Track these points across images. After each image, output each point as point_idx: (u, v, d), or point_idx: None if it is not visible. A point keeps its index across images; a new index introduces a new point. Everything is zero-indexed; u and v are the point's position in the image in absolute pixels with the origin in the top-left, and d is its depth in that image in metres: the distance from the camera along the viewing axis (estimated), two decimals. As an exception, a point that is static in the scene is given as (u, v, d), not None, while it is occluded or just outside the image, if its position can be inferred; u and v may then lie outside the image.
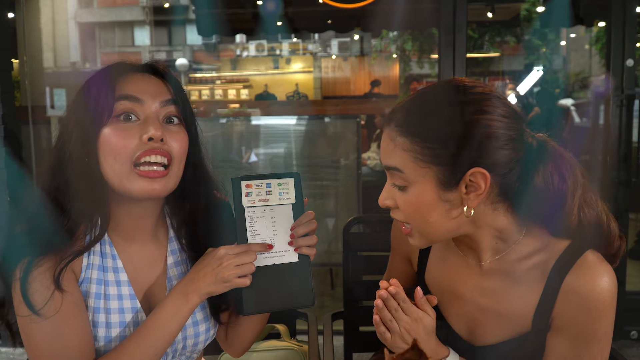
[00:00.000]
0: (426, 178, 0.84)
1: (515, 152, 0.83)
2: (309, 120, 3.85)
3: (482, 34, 11.07)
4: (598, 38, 9.99)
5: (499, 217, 0.88)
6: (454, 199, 0.84)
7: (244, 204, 0.91)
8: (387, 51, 11.78)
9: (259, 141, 3.98)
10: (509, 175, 0.84)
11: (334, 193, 3.78)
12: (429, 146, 0.83)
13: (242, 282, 0.88)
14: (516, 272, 0.90)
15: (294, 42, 13.22)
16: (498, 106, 0.83)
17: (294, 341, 1.35)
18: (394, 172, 0.87)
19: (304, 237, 0.92)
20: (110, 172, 0.88)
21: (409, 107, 0.87)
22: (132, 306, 0.93)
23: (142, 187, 0.88)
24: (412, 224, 0.89)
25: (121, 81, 0.90)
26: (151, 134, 0.87)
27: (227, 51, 13.76)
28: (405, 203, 0.87)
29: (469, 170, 0.81)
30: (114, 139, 0.87)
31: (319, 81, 11.22)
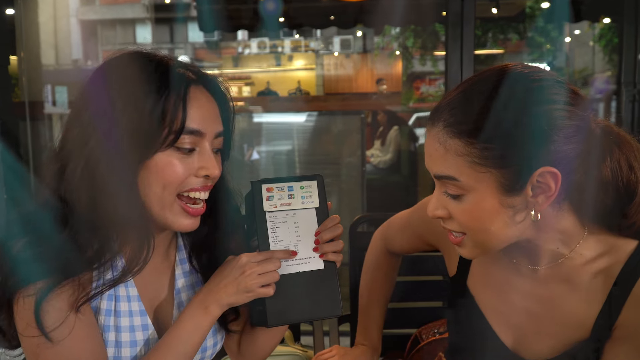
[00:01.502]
0: (486, 184, 0.75)
1: (584, 143, 0.75)
2: (312, 116, 3.80)
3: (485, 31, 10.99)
4: (602, 35, 9.90)
5: (563, 218, 0.79)
6: (518, 204, 0.75)
7: (266, 208, 0.86)
8: (389, 48, 11.71)
9: (261, 139, 3.94)
10: (577, 170, 0.75)
11: (337, 191, 3.72)
12: (487, 147, 0.73)
13: (266, 291, 0.82)
14: (577, 278, 0.82)
15: (296, 39, 13.16)
16: (562, 93, 0.74)
17: (298, 346, 1.29)
18: (446, 182, 0.77)
19: (329, 242, 0.86)
20: (152, 198, 0.81)
21: (458, 102, 0.77)
22: (142, 323, 0.87)
23: (183, 224, 0.84)
24: (468, 233, 0.80)
25: (190, 106, 0.81)
26: (209, 172, 0.83)
27: (228, 49, 13.70)
28: (461, 213, 0.78)
29: (536, 171, 0.72)
30: (170, 169, 0.81)
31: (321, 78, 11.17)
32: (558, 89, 0.75)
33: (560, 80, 0.77)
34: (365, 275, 1.24)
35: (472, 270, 0.96)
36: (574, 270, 0.82)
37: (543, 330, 0.86)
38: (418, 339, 1.28)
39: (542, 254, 0.83)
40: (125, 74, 0.81)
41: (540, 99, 0.74)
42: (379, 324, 1.21)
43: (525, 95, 0.74)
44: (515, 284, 0.88)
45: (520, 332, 0.89)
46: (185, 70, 0.84)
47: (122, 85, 0.80)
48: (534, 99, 0.74)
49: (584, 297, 0.82)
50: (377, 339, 1.20)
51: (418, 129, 7.45)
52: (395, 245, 1.20)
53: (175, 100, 0.80)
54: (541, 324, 0.86)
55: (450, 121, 0.76)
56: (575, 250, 0.82)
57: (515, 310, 0.89)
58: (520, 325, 0.88)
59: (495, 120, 0.73)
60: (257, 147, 3.92)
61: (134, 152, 0.79)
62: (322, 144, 3.80)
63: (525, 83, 0.75)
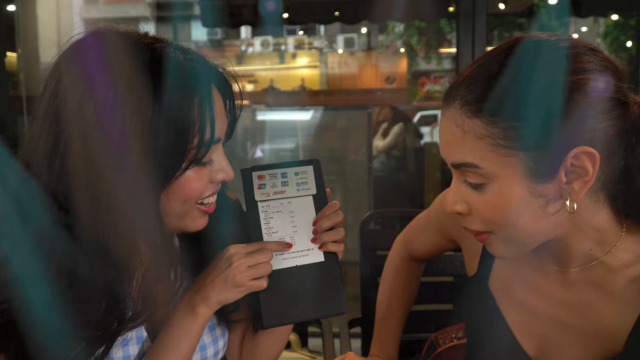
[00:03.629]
0: (512, 170, 0.65)
1: (621, 120, 0.64)
2: (316, 113, 3.74)
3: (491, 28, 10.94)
4: (607, 32, 9.82)
5: (600, 211, 0.69)
6: (550, 192, 0.66)
7: (257, 197, 0.79)
8: (393, 46, 11.67)
9: (264, 136, 3.89)
10: (615, 153, 0.65)
11: (342, 188, 3.66)
12: (513, 125, 0.63)
13: (258, 284, 0.74)
14: (610, 284, 0.72)
15: (299, 37, 13.12)
16: (596, 61, 0.64)
17: (305, 351, 1.22)
18: (465, 170, 0.68)
19: (328, 231, 0.78)
20: (170, 210, 0.72)
21: (476, 77, 0.67)
22: (136, 335, 0.78)
23: (199, 225, 0.78)
24: (495, 230, 0.70)
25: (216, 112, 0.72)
26: (227, 177, 0.75)
27: (232, 47, 13.67)
28: (484, 206, 0.68)
29: (570, 152, 0.63)
30: (193, 185, 0.73)
31: (325, 76, 11.11)
32: (591, 57, 0.66)
33: (593, 47, 0.68)
34: (384, 283, 1.16)
35: (495, 269, 0.87)
36: (608, 275, 0.73)
37: (570, 340, 0.77)
38: (434, 345, 1.20)
39: (573, 255, 0.74)
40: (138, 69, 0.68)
41: (571, 68, 0.64)
42: (397, 336, 1.12)
43: (553, 64, 0.65)
44: (542, 287, 0.79)
45: (545, 342, 0.80)
46: (206, 68, 0.74)
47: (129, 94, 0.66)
48: (564, 68, 0.64)
49: (618, 306, 0.73)
50: (394, 351, 1.11)
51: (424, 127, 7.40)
52: (417, 247, 1.11)
53: (202, 108, 0.69)
54: (568, 334, 0.78)
55: (468, 98, 0.67)
56: (610, 252, 0.72)
57: (540, 316, 0.80)
58: (545, 334, 0.80)
59: (520, 94, 0.63)
60: (261, 145, 3.87)
61: (156, 177, 0.68)
62: (327, 140, 3.74)
63: (552, 51, 0.66)
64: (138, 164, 0.66)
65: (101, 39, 0.70)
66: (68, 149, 0.67)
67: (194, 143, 0.70)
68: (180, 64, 0.70)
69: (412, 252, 1.13)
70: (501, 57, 0.67)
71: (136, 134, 0.66)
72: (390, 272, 1.16)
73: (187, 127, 0.68)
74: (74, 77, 0.68)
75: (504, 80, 0.65)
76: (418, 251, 1.12)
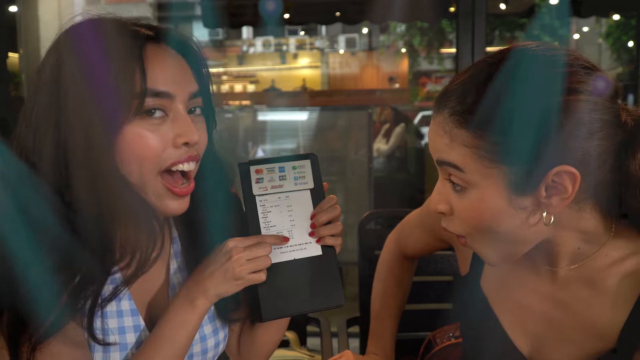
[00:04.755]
0: (493, 181, 0.66)
1: (610, 139, 0.65)
2: (317, 113, 3.75)
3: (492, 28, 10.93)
4: (609, 32, 9.81)
5: (585, 218, 0.71)
6: (530, 205, 0.67)
7: (255, 192, 0.79)
8: (394, 46, 11.67)
9: (266, 136, 3.89)
10: (600, 168, 0.66)
11: (343, 189, 3.66)
12: (498, 140, 0.64)
13: (257, 277, 0.74)
14: (602, 281, 0.73)
15: (301, 37, 13.13)
16: (589, 81, 0.64)
17: (304, 350, 1.23)
18: (449, 169, 0.69)
19: (326, 225, 0.78)
20: (131, 178, 0.71)
21: (467, 88, 0.67)
22: (134, 324, 0.78)
23: (170, 207, 0.74)
24: (474, 235, 0.71)
25: (150, 66, 0.71)
26: (188, 139, 0.72)
27: (233, 47, 13.66)
28: (464, 210, 0.69)
29: (552, 170, 0.64)
30: (141, 142, 0.71)
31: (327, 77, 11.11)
32: (584, 76, 0.66)
33: (588, 65, 0.67)
34: (378, 281, 1.17)
35: (487, 269, 0.88)
36: (598, 272, 0.74)
37: (563, 337, 0.78)
38: (432, 343, 1.21)
39: (562, 254, 0.76)
40: (77, 47, 0.72)
41: (562, 87, 0.64)
42: (393, 333, 1.13)
43: (545, 82, 0.65)
44: (534, 286, 0.80)
45: (538, 340, 0.81)
46: (139, 28, 0.75)
47: (73, 61, 0.70)
48: (555, 87, 0.64)
49: (610, 303, 0.74)
50: (390, 348, 1.12)
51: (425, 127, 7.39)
52: (409, 246, 1.12)
53: (130, 62, 0.70)
54: (561, 331, 0.79)
55: (457, 109, 0.68)
56: (600, 250, 0.74)
57: (532, 315, 0.81)
58: (537, 332, 0.81)
59: (509, 110, 0.64)
60: (262, 145, 3.87)
61: (101, 132, 0.69)
62: (328, 140, 3.74)
63: (545, 68, 0.66)
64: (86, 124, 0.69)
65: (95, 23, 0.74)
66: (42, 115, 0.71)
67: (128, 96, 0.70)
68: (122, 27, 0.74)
69: (404, 251, 1.14)
70: (492, 70, 0.68)
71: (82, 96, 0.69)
72: (383, 270, 1.17)
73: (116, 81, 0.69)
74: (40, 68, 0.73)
75: (493, 94, 0.66)
76: (410, 250, 1.13)
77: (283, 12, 4.15)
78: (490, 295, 0.87)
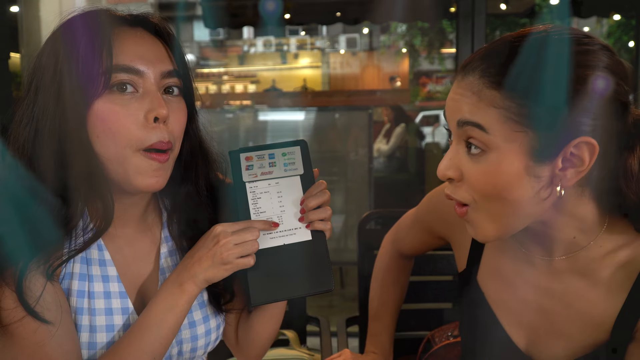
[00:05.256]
0: (517, 145, 0.67)
1: (622, 124, 0.68)
2: (318, 113, 3.75)
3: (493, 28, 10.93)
4: (610, 33, 9.81)
5: (583, 204, 0.72)
6: (544, 176, 0.68)
7: (245, 178, 0.80)
8: (395, 46, 11.67)
9: (267, 136, 3.90)
10: (607, 154, 0.68)
11: (343, 189, 3.67)
12: (529, 104, 0.65)
13: (245, 261, 0.75)
14: (595, 272, 0.75)
15: (301, 37, 13.13)
16: (619, 68, 0.68)
17: (304, 349, 1.23)
18: (472, 129, 0.69)
19: (316, 210, 0.79)
20: (109, 155, 0.74)
21: (500, 51, 0.68)
22: (122, 306, 0.80)
23: (149, 182, 0.76)
24: (479, 205, 0.71)
25: (117, 44, 0.74)
26: (157, 113, 0.74)
27: (234, 47, 13.68)
28: (478, 175, 0.69)
29: (574, 140, 0.65)
30: (111, 116, 0.73)
31: (327, 77, 11.10)
32: (607, 57, 0.69)
33: (610, 47, 0.70)
34: (375, 280, 1.18)
35: (483, 263, 0.89)
36: (592, 263, 0.75)
37: (558, 329, 0.79)
38: (431, 343, 1.22)
39: (557, 242, 0.77)
40: (59, 34, 0.77)
41: (596, 66, 0.67)
42: (391, 331, 1.14)
43: (580, 58, 0.67)
44: (528, 277, 0.81)
45: (534, 332, 0.82)
46: (117, 13, 0.80)
47: (54, 43, 0.76)
48: (589, 64, 0.67)
49: (604, 294, 0.75)
50: (389, 346, 1.13)
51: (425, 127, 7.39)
52: (406, 245, 1.13)
53: (102, 40, 0.74)
54: (556, 323, 0.80)
55: (489, 70, 0.68)
56: (594, 241, 0.75)
57: (527, 307, 0.82)
58: (533, 324, 0.82)
59: (540, 76, 0.65)
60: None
61: (74, 105, 0.73)
62: (328, 141, 3.75)
63: (581, 46, 0.68)
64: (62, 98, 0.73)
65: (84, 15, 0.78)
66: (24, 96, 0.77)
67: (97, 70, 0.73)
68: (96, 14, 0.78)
69: (400, 250, 1.15)
70: (528, 41, 0.69)
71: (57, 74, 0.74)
72: (380, 271, 1.18)
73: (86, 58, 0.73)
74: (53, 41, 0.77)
75: (527, 59, 0.67)
76: (407, 249, 1.14)
77: (284, 13, 4.15)
78: (487, 289, 0.88)
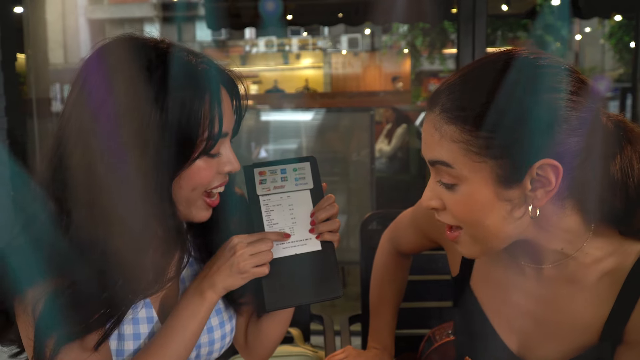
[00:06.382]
0: (481, 174, 0.71)
1: (589, 137, 0.69)
2: (320, 114, 3.77)
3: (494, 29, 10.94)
4: (612, 33, 9.81)
5: (566, 217, 0.74)
6: (516, 197, 0.71)
7: (259, 192, 0.86)
8: (397, 47, 11.67)
9: (269, 137, 3.91)
10: (581, 166, 0.70)
11: (345, 189, 3.69)
12: (484, 135, 0.69)
13: (260, 270, 0.81)
14: (584, 279, 0.77)
15: (303, 37, 13.14)
16: (568, 82, 0.69)
17: (308, 346, 1.26)
18: (440, 167, 0.74)
19: (325, 222, 0.85)
20: (180, 199, 0.81)
21: (456, 87, 0.72)
22: (147, 315, 0.85)
23: (203, 216, 0.85)
24: (464, 228, 0.75)
25: (224, 109, 0.80)
26: (233, 169, 0.85)
27: (236, 47, 13.70)
28: (455, 204, 0.74)
29: (536, 163, 0.68)
30: (203, 173, 0.81)
31: (329, 77, 11.12)
32: (564, 77, 0.71)
33: (568, 68, 0.72)
34: (374, 278, 1.22)
35: (475, 269, 0.92)
36: (580, 270, 0.78)
37: (549, 334, 0.82)
38: (431, 340, 1.24)
39: (546, 253, 0.79)
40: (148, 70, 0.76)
41: (543, 86, 0.69)
42: (391, 327, 1.18)
43: (528, 82, 0.69)
44: (519, 284, 0.84)
45: (525, 336, 0.85)
46: (215, 69, 0.82)
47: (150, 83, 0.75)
48: (537, 86, 0.69)
49: (592, 299, 0.78)
50: (390, 341, 1.17)
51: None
52: (403, 244, 1.17)
53: (212, 104, 0.78)
54: (547, 328, 0.82)
55: (447, 106, 0.72)
56: (581, 249, 0.77)
57: (519, 312, 0.85)
58: (524, 329, 0.85)
59: (494, 107, 0.69)
60: (265, 145, 3.89)
61: (169, 163, 0.77)
62: (330, 141, 3.77)
63: (528, 69, 0.71)
64: (155, 153, 0.75)
65: (122, 45, 0.79)
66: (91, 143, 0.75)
67: (204, 136, 0.78)
68: (192, 65, 0.80)
69: (398, 248, 1.19)
70: (480, 71, 0.73)
71: (154, 128, 0.75)
72: (379, 268, 1.21)
73: (198, 121, 0.77)
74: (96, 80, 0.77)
75: (480, 93, 0.70)
76: (404, 247, 1.17)
77: (286, 13, 4.17)
78: (480, 295, 0.91)
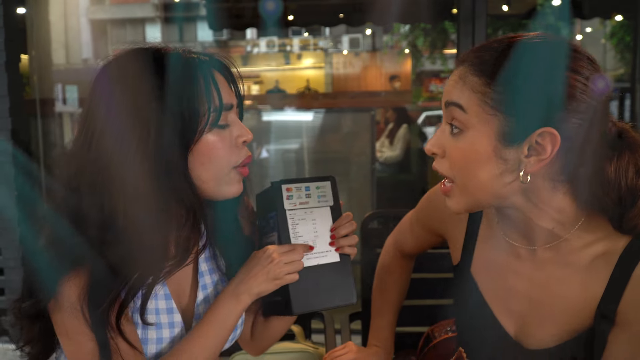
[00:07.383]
0: (488, 126, 0.76)
1: (590, 126, 0.75)
2: (321, 114, 3.79)
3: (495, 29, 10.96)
4: (613, 33, 9.82)
5: (558, 197, 0.79)
6: (511, 159, 0.76)
7: (286, 207, 0.93)
8: (398, 47, 11.68)
9: (270, 137, 3.93)
10: (578, 150, 0.75)
11: (346, 189, 3.71)
12: (501, 90, 0.75)
13: (292, 277, 0.90)
14: (576, 262, 0.81)
15: (304, 38, 13.15)
16: (590, 70, 0.76)
17: (309, 343, 1.28)
18: (454, 109, 0.80)
19: (345, 237, 0.93)
20: (205, 177, 0.87)
21: (488, 47, 0.80)
22: (169, 321, 0.91)
23: (236, 190, 0.91)
24: (456, 179, 0.81)
25: (220, 86, 0.89)
26: (246, 138, 0.90)
27: (237, 47, 13.73)
28: (455, 150, 0.80)
29: (538, 129, 0.74)
30: (218, 145, 0.87)
31: (330, 77, 11.13)
32: (586, 64, 0.77)
33: (592, 60, 0.78)
34: (378, 279, 1.26)
35: (476, 256, 0.96)
36: (573, 253, 0.82)
37: (544, 316, 0.86)
38: (430, 337, 1.27)
39: (537, 231, 0.84)
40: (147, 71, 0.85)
41: (566, 65, 0.75)
42: (392, 327, 1.23)
43: (553, 57, 0.76)
44: (516, 268, 0.88)
45: (522, 320, 0.89)
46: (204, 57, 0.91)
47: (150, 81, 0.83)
48: (560, 63, 0.75)
49: (585, 282, 0.81)
50: (390, 341, 1.21)
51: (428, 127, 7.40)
52: (407, 245, 1.20)
53: (206, 78, 0.86)
54: (542, 310, 0.86)
55: (475, 61, 0.79)
56: (573, 232, 0.82)
57: (516, 296, 0.89)
58: (521, 312, 0.88)
59: (518, 69, 0.75)
60: (266, 146, 3.91)
61: (180, 141, 0.83)
62: (332, 141, 3.79)
63: (557, 47, 0.77)
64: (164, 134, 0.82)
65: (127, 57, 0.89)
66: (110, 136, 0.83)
67: (205, 107, 0.85)
68: (185, 52, 0.89)
69: (402, 251, 1.23)
70: (512, 41, 0.79)
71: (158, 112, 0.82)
72: (383, 271, 1.26)
73: (195, 94, 0.84)
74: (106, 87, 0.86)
75: (507, 56, 0.77)
76: (408, 249, 1.21)
77: (287, 14, 4.19)
78: (480, 280, 0.95)
